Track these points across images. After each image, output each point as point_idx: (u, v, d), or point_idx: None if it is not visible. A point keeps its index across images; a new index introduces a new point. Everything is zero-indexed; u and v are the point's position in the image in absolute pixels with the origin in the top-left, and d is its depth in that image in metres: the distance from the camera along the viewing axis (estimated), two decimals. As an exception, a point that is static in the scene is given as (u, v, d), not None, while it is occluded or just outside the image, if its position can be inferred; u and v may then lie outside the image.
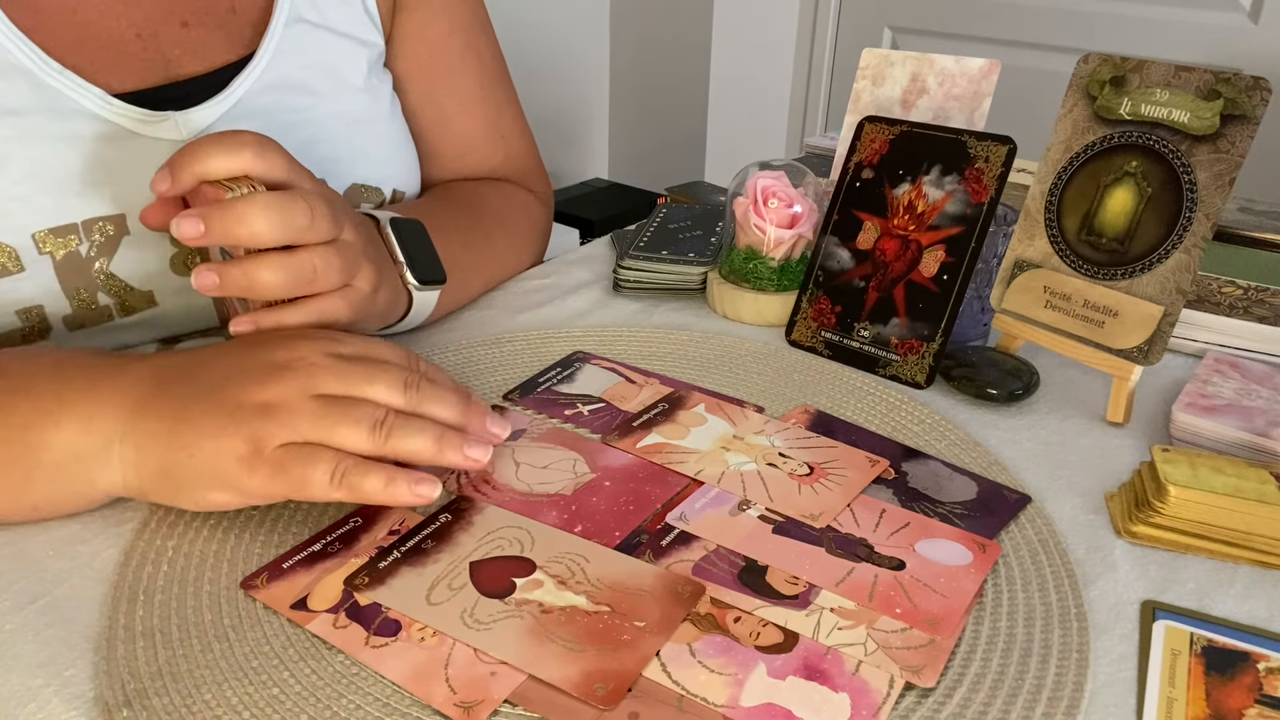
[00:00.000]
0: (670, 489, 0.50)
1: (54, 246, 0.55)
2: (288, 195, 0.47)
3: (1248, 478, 0.48)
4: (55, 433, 0.43)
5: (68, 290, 0.56)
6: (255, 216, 0.46)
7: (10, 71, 0.53)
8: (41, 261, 0.55)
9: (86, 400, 0.44)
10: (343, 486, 0.41)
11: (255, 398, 0.42)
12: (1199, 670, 0.40)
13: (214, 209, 0.46)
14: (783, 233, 0.70)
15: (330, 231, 0.49)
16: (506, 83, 0.83)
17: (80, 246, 0.56)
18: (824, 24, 2.22)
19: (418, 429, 0.43)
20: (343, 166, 0.68)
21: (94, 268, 0.56)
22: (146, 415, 0.43)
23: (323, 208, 0.48)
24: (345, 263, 0.50)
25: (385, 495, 0.42)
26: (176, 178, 0.48)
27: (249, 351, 0.45)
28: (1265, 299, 0.70)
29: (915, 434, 0.57)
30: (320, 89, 0.66)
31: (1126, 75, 0.59)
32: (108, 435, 0.43)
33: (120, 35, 0.59)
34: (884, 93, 0.77)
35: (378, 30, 0.71)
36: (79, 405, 0.44)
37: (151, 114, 0.58)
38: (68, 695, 0.37)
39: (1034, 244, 0.63)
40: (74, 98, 0.55)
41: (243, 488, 0.42)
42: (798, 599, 0.42)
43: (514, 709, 0.37)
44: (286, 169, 0.49)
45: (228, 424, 0.42)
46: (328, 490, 0.41)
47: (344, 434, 0.42)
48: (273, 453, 0.41)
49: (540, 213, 0.85)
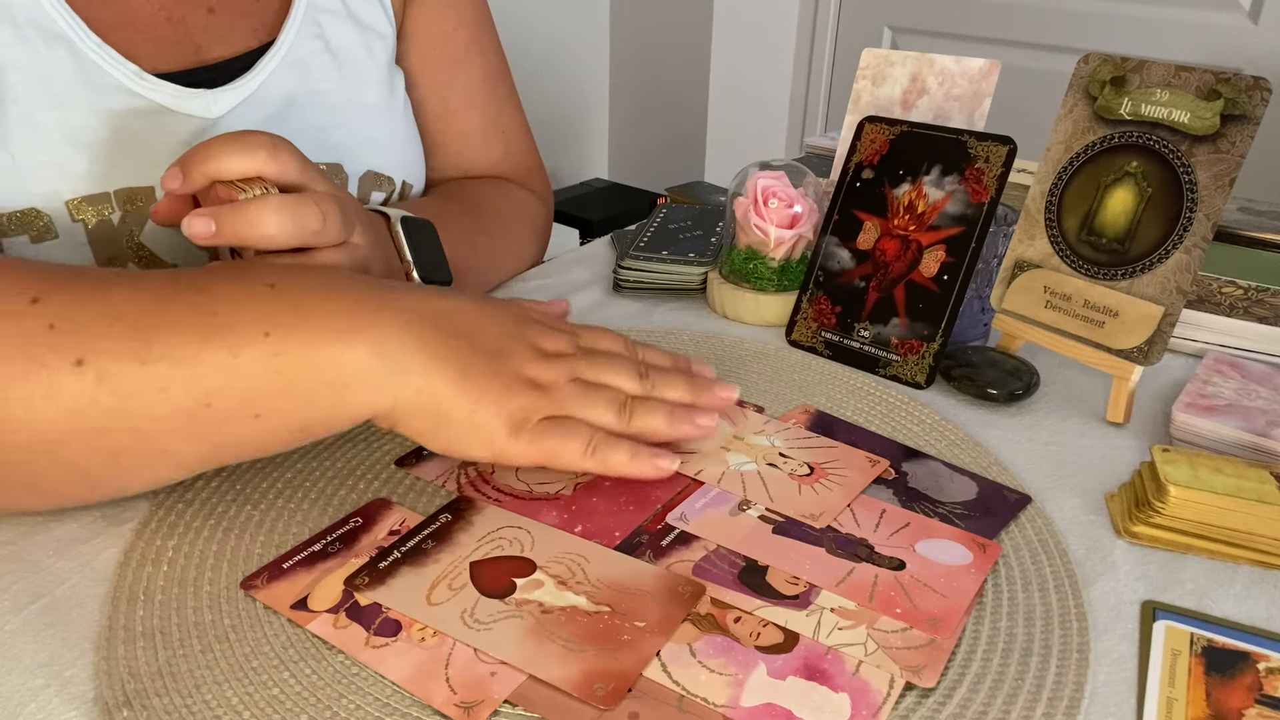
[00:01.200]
0: (670, 489, 0.50)
1: (87, 214, 0.55)
2: (300, 198, 0.47)
3: (1248, 478, 0.48)
4: (346, 350, 0.42)
5: (99, 258, 0.57)
6: (267, 218, 0.46)
7: (52, 39, 0.54)
8: (74, 229, 0.55)
9: (377, 325, 0.43)
10: (595, 457, 0.46)
11: (529, 373, 0.46)
12: (1199, 670, 0.40)
13: (226, 209, 0.46)
14: (783, 233, 0.70)
15: (341, 234, 0.49)
16: (508, 81, 0.84)
17: (113, 215, 0.56)
18: (824, 24, 2.22)
19: (654, 409, 0.49)
20: (357, 153, 0.68)
21: (124, 237, 0.57)
22: (438, 358, 0.44)
23: (334, 211, 0.48)
24: (353, 266, 0.50)
25: (630, 467, 0.47)
26: (188, 176, 0.48)
27: (516, 327, 0.49)
28: (1265, 299, 0.70)
29: (915, 434, 0.57)
30: (339, 76, 0.68)
31: (1126, 75, 0.59)
32: (401, 364, 0.43)
33: (152, 19, 0.60)
34: (884, 93, 0.77)
35: (391, 24, 0.73)
36: (370, 329, 0.43)
37: (184, 89, 0.59)
38: (68, 695, 0.37)
39: (1034, 244, 0.63)
40: (110, 72, 0.56)
41: (501, 449, 0.45)
42: (798, 599, 0.42)
43: (514, 709, 0.37)
44: (300, 171, 0.49)
45: (506, 392, 0.45)
46: (580, 459, 0.46)
47: (598, 413, 0.47)
48: (535, 424, 0.45)
49: (540, 212, 0.85)
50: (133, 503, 0.48)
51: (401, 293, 0.46)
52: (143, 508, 0.48)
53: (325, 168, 0.66)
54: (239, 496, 0.49)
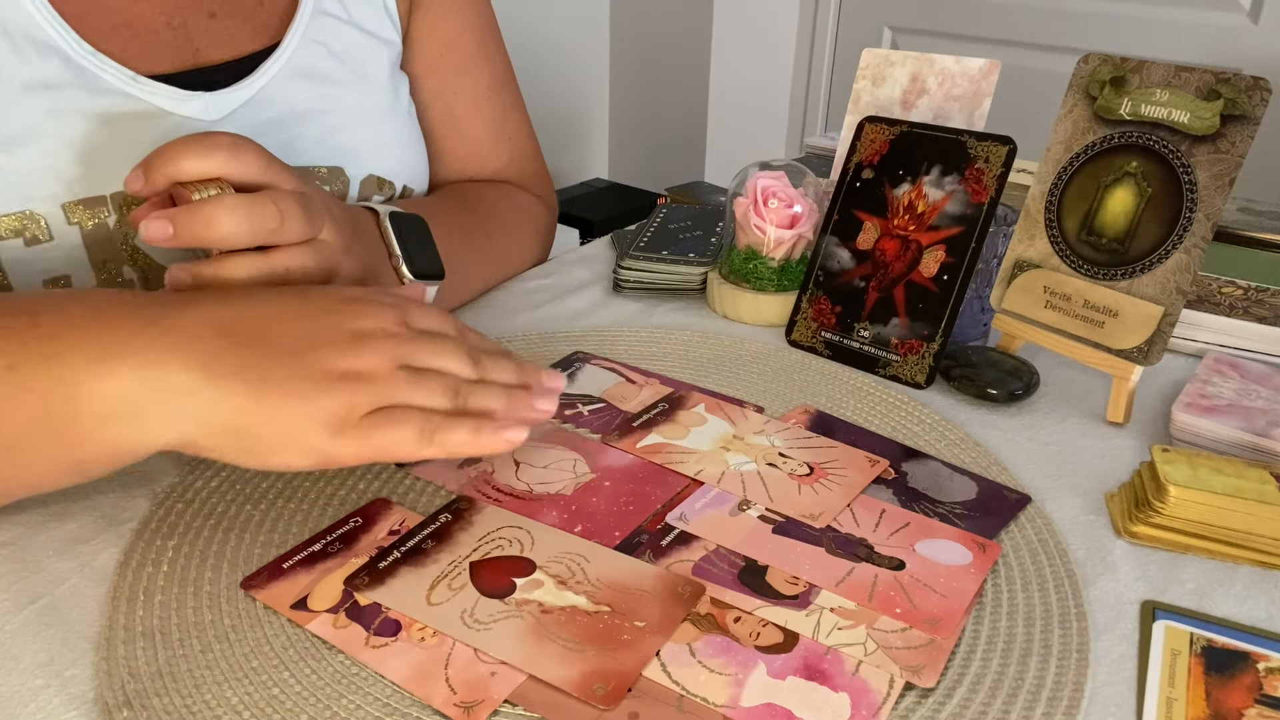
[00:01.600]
0: (670, 489, 0.50)
1: (82, 218, 0.55)
2: (257, 197, 0.47)
3: (1248, 478, 0.48)
4: (107, 383, 0.40)
5: (95, 261, 0.56)
6: (223, 219, 0.46)
7: (45, 49, 0.55)
8: (70, 232, 0.55)
9: (143, 349, 0.41)
10: (433, 443, 0.42)
11: (343, 365, 0.43)
12: (1199, 670, 0.40)
13: (182, 211, 0.46)
14: (783, 233, 0.70)
15: (304, 232, 0.49)
16: (514, 86, 0.84)
17: (108, 219, 0.56)
18: (824, 24, 2.22)
19: (489, 391, 0.45)
20: (361, 156, 0.68)
21: (120, 240, 0.57)
22: (222, 374, 0.41)
23: (295, 209, 0.48)
24: (319, 263, 0.49)
25: (475, 444, 0.43)
26: (150, 178, 0.47)
27: (325, 316, 0.45)
28: (1265, 299, 0.70)
29: (915, 434, 0.57)
30: (343, 79, 0.68)
31: (1126, 75, 0.59)
32: (173, 387, 0.40)
33: (151, 24, 0.60)
34: (884, 93, 0.77)
35: (396, 29, 0.73)
36: (134, 355, 0.40)
37: (182, 92, 0.59)
38: (68, 695, 0.37)
39: (1034, 244, 0.63)
40: (105, 77, 0.56)
41: (327, 452, 0.42)
42: (798, 599, 0.42)
43: (514, 709, 0.37)
44: (263, 169, 0.49)
45: (315, 391, 0.41)
46: (417, 447, 0.42)
47: (429, 397, 0.43)
48: (360, 420, 0.42)
49: (543, 215, 0.85)
50: (133, 503, 0.48)
51: (179, 309, 0.43)
52: (143, 508, 0.48)
53: (326, 171, 0.66)
54: (239, 496, 0.49)
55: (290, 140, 0.64)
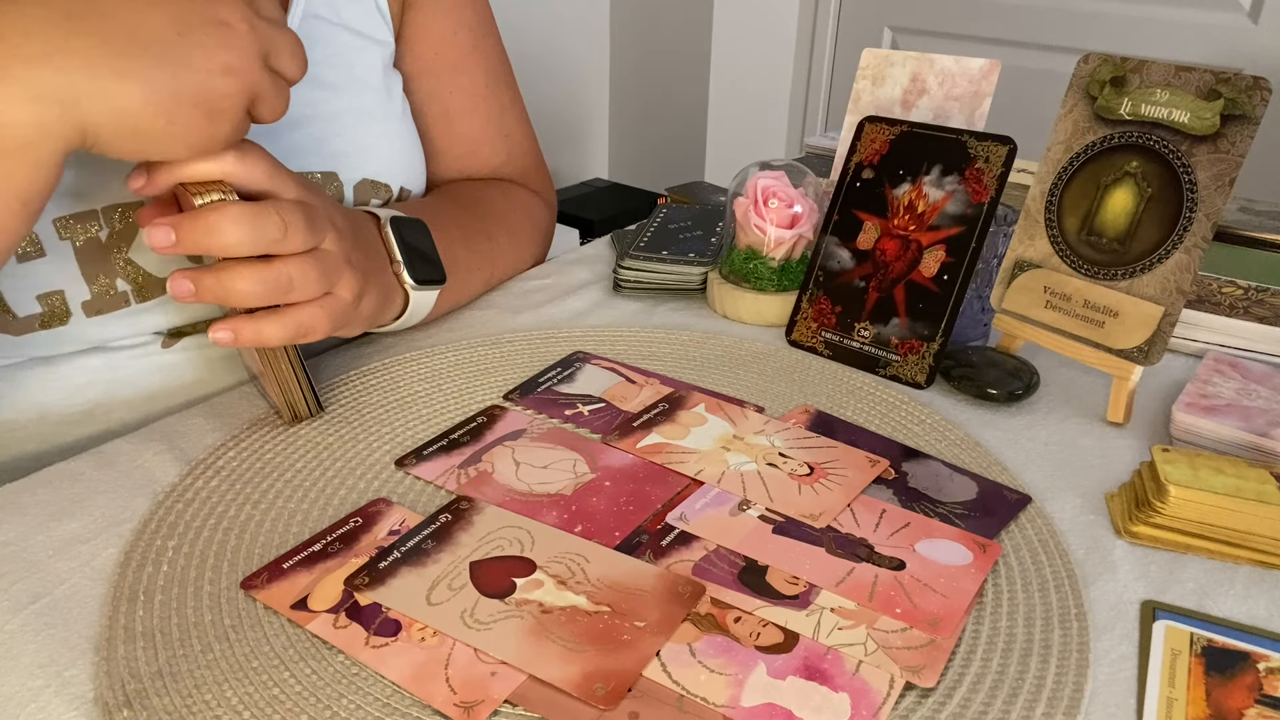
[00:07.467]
0: (670, 489, 0.50)
1: (74, 233, 0.55)
2: (260, 206, 0.47)
3: (1248, 478, 0.48)
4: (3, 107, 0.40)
5: (88, 276, 0.56)
6: (226, 227, 0.46)
7: None
8: (62, 247, 0.55)
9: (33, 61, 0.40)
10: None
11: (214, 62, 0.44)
12: (1199, 670, 0.40)
13: (185, 218, 0.46)
14: (783, 233, 0.70)
15: (306, 242, 0.49)
16: (511, 84, 0.83)
17: (100, 233, 0.56)
18: (824, 24, 2.22)
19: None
20: (354, 161, 0.68)
21: (114, 254, 0.57)
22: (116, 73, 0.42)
23: (298, 218, 0.48)
24: (323, 272, 0.50)
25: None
26: (152, 179, 0.47)
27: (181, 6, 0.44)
28: (1265, 299, 0.70)
29: (915, 434, 0.57)
30: (335, 83, 0.67)
31: (1126, 75, 0.59)
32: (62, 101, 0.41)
33: None
34: (884, 93, 0.77)
35: (389, 29, 0.72)
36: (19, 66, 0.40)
37: None
38: (68, 695, 0.37)
39: (1034, 244, 0.63)
40: None
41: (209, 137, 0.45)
42: (798, 599, 0.42)
43: (514, 709, 0.37)
44: (268, 176, 0.49)
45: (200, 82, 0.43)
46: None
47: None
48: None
49: (543, 213, 0.85)
50: (133, 503, 0.48)
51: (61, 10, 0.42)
52: (143, 508, 0.48)
53: (320, 176, 0.66)
54: (239, 496, 0.49)
55: (282, 147, 0.63)
